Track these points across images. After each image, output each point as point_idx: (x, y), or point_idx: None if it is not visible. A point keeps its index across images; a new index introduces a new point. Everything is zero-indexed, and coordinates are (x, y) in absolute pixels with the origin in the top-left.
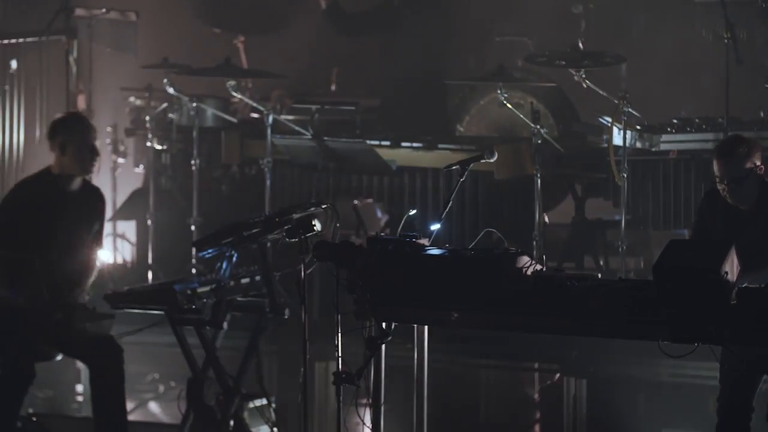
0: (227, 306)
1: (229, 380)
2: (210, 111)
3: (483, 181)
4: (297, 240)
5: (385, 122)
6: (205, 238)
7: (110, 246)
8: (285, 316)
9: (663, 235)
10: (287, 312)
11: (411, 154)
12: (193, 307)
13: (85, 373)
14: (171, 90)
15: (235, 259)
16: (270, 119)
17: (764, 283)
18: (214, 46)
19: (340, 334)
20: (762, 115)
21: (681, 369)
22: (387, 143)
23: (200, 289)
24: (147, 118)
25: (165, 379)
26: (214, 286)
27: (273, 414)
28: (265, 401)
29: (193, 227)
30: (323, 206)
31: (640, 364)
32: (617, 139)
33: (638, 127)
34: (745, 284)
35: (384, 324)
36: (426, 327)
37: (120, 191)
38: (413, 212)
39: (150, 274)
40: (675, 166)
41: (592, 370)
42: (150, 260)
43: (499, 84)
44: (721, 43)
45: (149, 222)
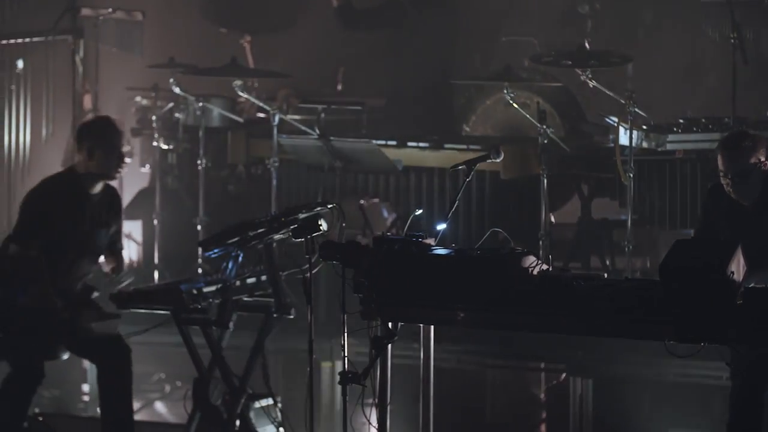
0: (233, 306)
1: (235, 380)
2: (216, 111)
3: (489, 181)
4: (303, 240)
5: (391, 122)
6: (211, 237)
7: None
8: (291, 316)
9: (669, 235)
10: (293, 312)
11: (417, 153)
12: (199, 307)
13: (92, 372)
14: (177, 90)
15: (241, 259)
16: (276, 119)
17: None
18: (221, 45)
19: (346, 334)
20: None
21: (687, 369)
22: (393, 143)
23: (206, 289)
24: (153, 118)
25: (171, 379)
26: (220, 286)
27: (279, 414)
28: (271, 401)
29: (199, 227)
30: (329, 206)
31: (646, 364)
32: (624, 138)
33: (644, 127)
34: (752, 284)
35: (390, 324)
36: (432, 327)
37: (126, 191)
38: (419, 212)
39: (156, 274)
40: (681, 165)
41: (598, 370)
42: (156, 260)
43: (505, 84)
44: (727, 43)
45: (155, 222)
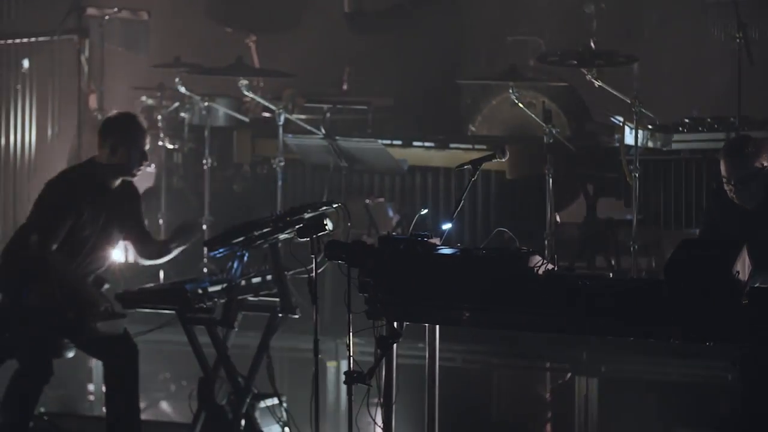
0: (238, 305)
1: (240, 380)
2: (222, 110)
3: (495, 181)
4: (308, 239)
5: (397, 122)
6: (217, 237)
7: (121, 245)
8: (296, 316)
9: (675, 235)
10: (298, 311)
11: (423, 153)
12: (205, 306)
13: (97, 372)
14: (183, 89)
15: (246, 258)
16: (282, 118)
17: None
18: (226, 45)
19: (351, 334)
20: None
21: (692, 368)
22: (399, 142)
23: (211, 289)
24: (159, 118)
25: (176, 379)
26: (225, 285)
27: (284, 413)
28: (276, 401)
29: (204, 226)
30: (335, 206)
31: (651, 363)
32: (629, 138)
33: (650, 127)
34: (757, 284)
35: (395, 323)
36: (437, 326)
37: None
38: (425, 212)
39: (161, 274)
40: (687, 165)
41: (603, 370)
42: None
43: (511, 84)
44: (733, 42)
45: (161, 221)
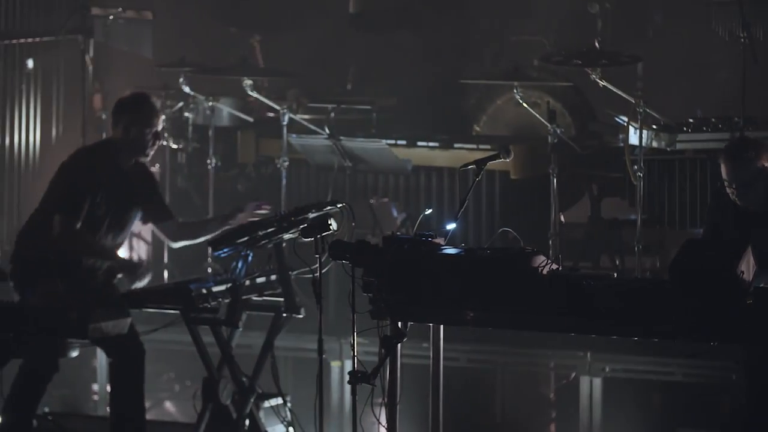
0: (243, 305)
1: (244, 379)
2: (226, 110)
3: (499, 181)
4: (313, 239)
5: (401, 122)
6: (221, 237)
7: (126, 245)
8: (300, 316)
9: (679, 235)
10: (303, 311)
11: (427, 153)
12: (209, 306)
13: (102, 371)
14: (187, 89)
15: (250, 258)
16: (286, 118)
17: None
18: (230, 45)
19: (355, 334)
20: None
21: (697, 368)
22: (403, 142)
23: (216, 289)
24: (163, 117)
25: (180, 379)
26: (229, 285)
27: (288, 413)
28: (280, 400)
29: None
30: (339, 205)
31: (655, 363)
32: (633, 138)
33: (654, 127)
34: (761, 284)
35: (399, 323)
36: (441, 326)
37: None
38: (429, 211)
39: (166, 274)
40: (691, 165)
41: (607, 370)
42: (166, 259)
43: (515, 83)
44: (737, 42)
45: None
